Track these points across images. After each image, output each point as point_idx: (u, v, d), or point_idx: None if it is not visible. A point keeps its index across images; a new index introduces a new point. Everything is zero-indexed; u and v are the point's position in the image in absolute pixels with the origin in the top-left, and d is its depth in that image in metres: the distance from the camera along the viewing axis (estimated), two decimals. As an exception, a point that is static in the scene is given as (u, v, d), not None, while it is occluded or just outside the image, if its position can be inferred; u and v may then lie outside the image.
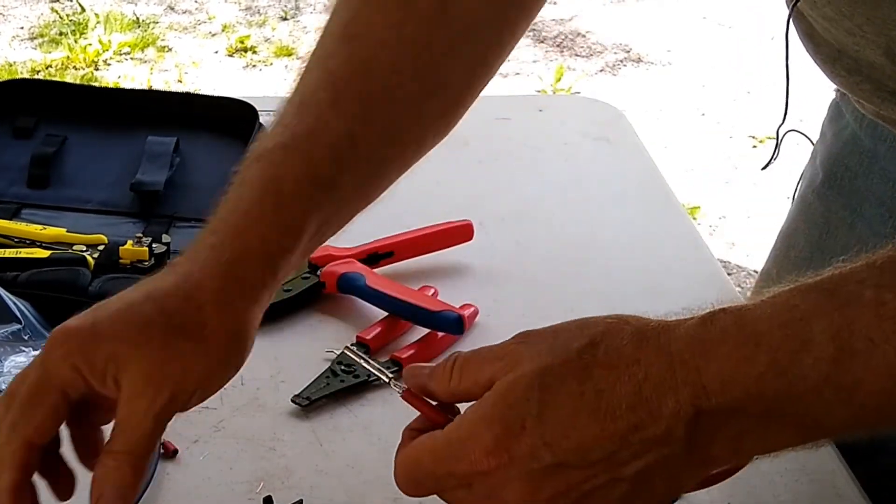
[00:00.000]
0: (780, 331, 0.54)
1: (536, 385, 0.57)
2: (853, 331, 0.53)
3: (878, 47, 0.78)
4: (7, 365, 0.86)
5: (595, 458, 0.56)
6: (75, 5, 4.56)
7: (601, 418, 0.56)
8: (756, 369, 0.54)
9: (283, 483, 0.79)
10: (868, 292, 0.54)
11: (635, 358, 0.56)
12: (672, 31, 4.42)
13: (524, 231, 1.12)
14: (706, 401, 0.55)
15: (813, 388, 0.54)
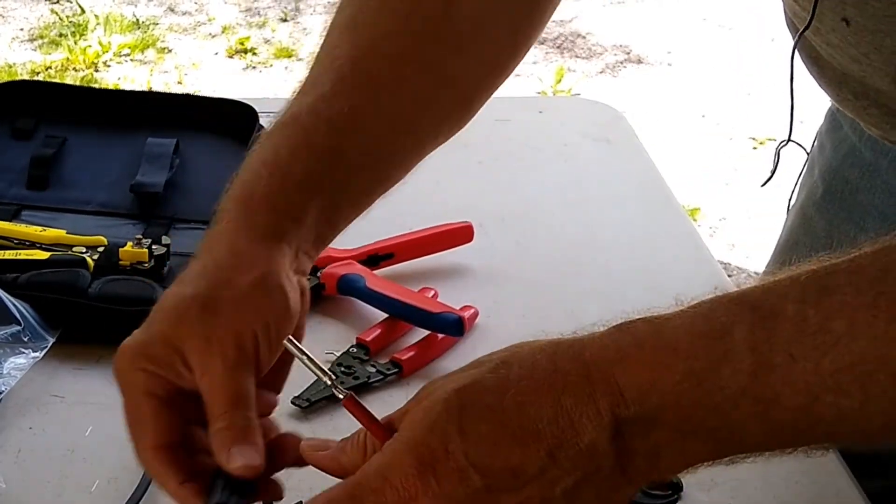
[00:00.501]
0: (699, 340, 0.54)
1: (455, 405, 0.56)
2: (773, 344, 0.52)
3: (887, 75, 0.78)
4: (6, 366, 0.86)
5: (526, 478, 0.55)
6: (75, 7, 4.56)
7: (525, 434, 0.55)
8: (673, 377, 0.53)
9: (283, 484, 0.79)
10: (790, 307, 0.53)
11: (551, 367, 0.55)
12: (672, 32, 4.42)
13: (524, 232, 1.12)
14: (625, 409, 0.54)
15: (730, 400, 0.53)
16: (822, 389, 0.52)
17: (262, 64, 4.26)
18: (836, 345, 0.52)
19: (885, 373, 0.51)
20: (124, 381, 0.66)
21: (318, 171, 0.71)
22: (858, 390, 0.52)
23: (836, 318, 0.52)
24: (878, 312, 0.51)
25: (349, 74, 0.74)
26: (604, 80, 4.14)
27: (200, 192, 1.10)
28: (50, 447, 0.82)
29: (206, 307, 0.65)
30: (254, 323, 0.65)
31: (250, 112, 1.17)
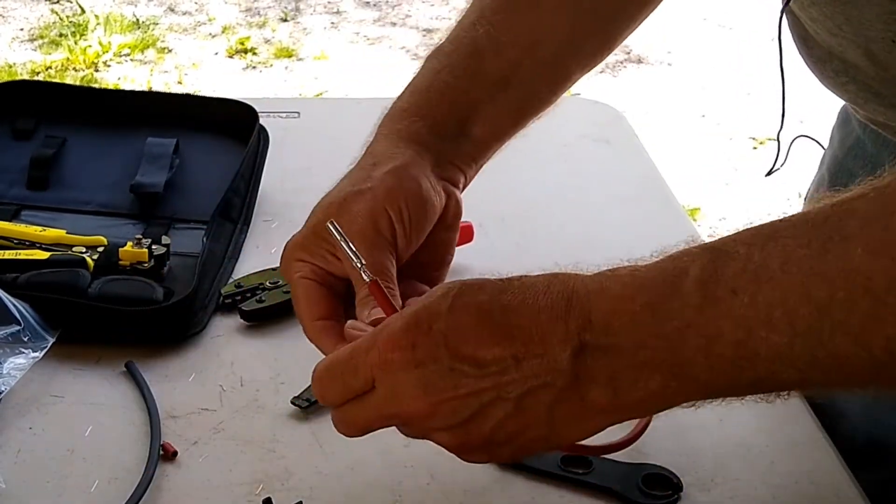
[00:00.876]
0: (659, 276, 0.60)
1: (453, 293, 0.63)
2: (719, 281, 0.57)
3: (858, 47, 0.79)
4: (7, 366, 0.86)
5: (487, 371, 0.62)
6: (75, 7, 4.56)
7: (500, 334, 0.61)
8: (633, 307, 0.59)
9: (283, 485, 0.79)
10: (741, 249, 0.58)
11: (544, 290, 0.62)
12: (672, 32, 4.42)
13: (524, 232, 1.12)
14: (589, 333, 0.60)
15: (678, 332, 0.58)
16: (757, 323, 0.56)
17: (262, 64, 4.26)
18: (770, 280, 0.56)
19: (808, 308, 0.55)
20: (286, 271, 0.78)
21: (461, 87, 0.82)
22: (787, 325, 0.56)
23: (773, 257, 0.56)
24: (810, 251, 0.56)
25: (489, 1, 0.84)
26: (604, 79, 4.14)
27: (200, 192, 1.10)
28: (50, 447, 0.82)
29: (347, 199, 0.76)
30: (387, 205, 0.75)
31: (250, 112, 1.17)
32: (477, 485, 0.79)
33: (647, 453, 0.81)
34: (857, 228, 0.55)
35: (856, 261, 0.54)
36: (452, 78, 0.83)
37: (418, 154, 0.79)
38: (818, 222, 0.57)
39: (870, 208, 0.56)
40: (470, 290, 0.64)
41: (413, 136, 0.81)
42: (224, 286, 0.99)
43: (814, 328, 0.55)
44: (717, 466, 0.81)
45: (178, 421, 0.85)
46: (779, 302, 0.56)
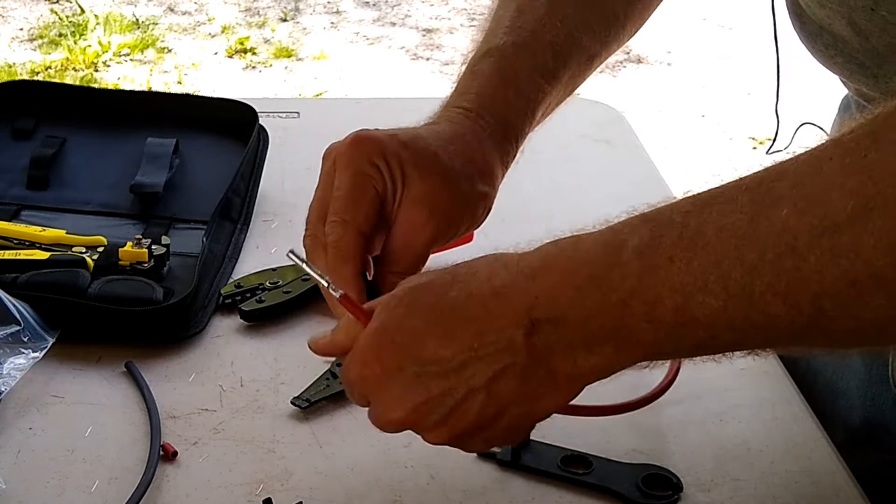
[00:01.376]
0: (601, 248, 0.62)
1: (405, 302, 0.66)
2: (657, 249, 0.59)
3: (843, 17, 0.80)
4: (6, 366, 0.86)
5: (450, 367, 0.64)
6: (75, 7, 4.56)
7: (451, 328, 0.64)
8: (577, 281, 0.61)
9: (283, 485, 0.79)
10: (678, 217, 0.59)
11: (487, 276, 0.64)
12: (672, 32, 4.42)
13: (524, 233, 1.11)
14: (538, 311, 0.62)
15: (622, 301, 0.60)
16: (694, 289, 0.58)
17: (262, 64, 4.26)
18: (705, 247, 0.57)
19: (739, 271, 0.56)
20: (356, 166, 0.75)
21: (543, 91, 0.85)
22: (721, 289, 0.57)
23: (709, 223, 0.58)
24: (742, 215, 0.57)
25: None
26: (604, 79, 4.14)
27: (200, 192, 1.10)
28: (50, 447, 0.82)
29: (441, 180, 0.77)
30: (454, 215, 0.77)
31: (250, 112, 1.17)
32: (477, 485, 0.79)
33: (647, 453, 0.81)
34: (787, 189, 0.56)
35: (783, 221, 0.55)
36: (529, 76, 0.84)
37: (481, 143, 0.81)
38: (752, 186, 0.58)
39: (799, 169, 0.57)
40: (419, 293, 0.66)
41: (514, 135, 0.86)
42: (224, 286, 0.99)
43: (746, 290, 0.57)
44: (717, 466, 0.81)
45: (178, 421, 0.85)
46: (713, 267, 0.57)
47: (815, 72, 0.94)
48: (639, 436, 0.82)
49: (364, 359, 0.67)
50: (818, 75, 0.93)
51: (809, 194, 0.55)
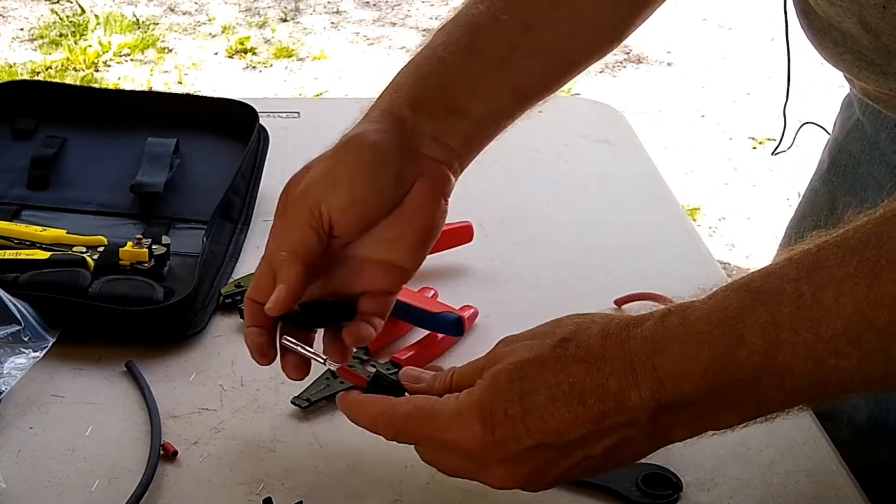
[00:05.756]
0: (717, 329, 0.61)
1: (517, 377, 0.65)
2: (778, 324, 0.60)
3: (853, 15, 0.81)
4: (7, 366, 0.86)
5: (569, 439, 0.65)
6: (75, 7, 4.56)
7: (574, 406, 0.64)
8: (701, 366, 0.62)
9: (283, 484, 0.79)
10: (788, 286, 0.60)
11: (601, 354, 0.64)
12: (672, 32, 4.42)
13: (524, 232, 1.12)
14: (664, 395, 0.63)
15: (750, 377, 0.61)
16: (824, 354, 0.59)
17: (262, 64, 4.26)
18: (828, 314, 0.58)
19: (871, 332, 0.58)
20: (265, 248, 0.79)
21: (455, 63, 0.82)
22: (854, 350, 0.58)
23: (825, 290, 0.59)
24: (858, 280, 0.58)
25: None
26: (603, 79, 4.14)
27: (200, 191, 1.10)
28: (50, 447, 0.82)
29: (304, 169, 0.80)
30: (326, 176, 0.77)
31: (250, 112, 1.17)
32: (477, 485, 0.78)
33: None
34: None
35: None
36: (447, 54, 0.82)
37: (389, 127, 0.79)
38: (858, 248, 0.59)
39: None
40: (531, 370, 0.66)
41: (390, 111, 0.80)
42: (224, 286, 0.99)
43: (880, 348, 0.58)
44: (717, 466, 0.81)
45: (178, 421, 0.85)
46: (841, 332, 0.58)
47: (814, 71, 0.94)
48: (639, 435, 0.82)
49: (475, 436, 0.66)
50: (818, 75, 0.94)
51: None
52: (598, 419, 0.64)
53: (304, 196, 0.77)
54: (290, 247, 0.77)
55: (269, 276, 0.77)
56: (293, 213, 0.78)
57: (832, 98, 1.02)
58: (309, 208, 0.77)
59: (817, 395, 0.63)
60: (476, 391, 0.67)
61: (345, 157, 0.78)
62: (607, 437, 0.64)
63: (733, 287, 0.63)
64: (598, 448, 0.65)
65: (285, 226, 0.78)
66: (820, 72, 0.93)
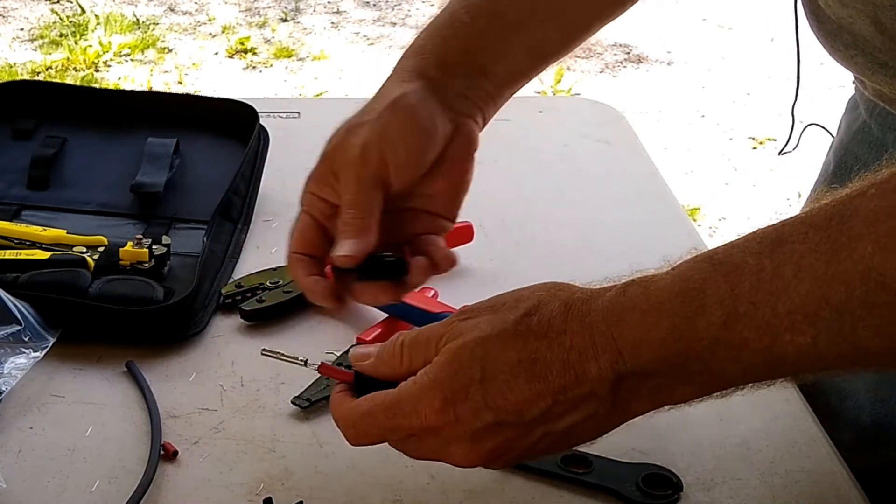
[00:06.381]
0: (677, 299, 0.62)
1: (479, 354, 0.65)
2: (737, 296, 0.60)
3: (867, 17, 0.81)
4: (7, 366, 0.86)
5: (530, 416, 0.65)
6: (75, 7, 4.56)
7: (534, 382, 0.64)
8: (659, 334, 0.62)
9: (284, 484, 0.79)
10: (750, 260, 0.60)
11: (562, 329, 0.64)
12: (672, 32, 4.42)
13: (524, 232, 1.12)
14: (623, 365, 0.63)
15: (707, 349, 0.61)
16: (781, 329, 0.59)
17: (262, 64, 4.26)
18: (787, 289, 0.58)
19: (827, 309, 0.58)
20: (302, 203, 0.83)
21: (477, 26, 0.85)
22: (809, 327, 0.58)
23: (786, 265, 0.59)
24: (819, 256, 0.58)
25: None
26: (604, 79, 4.14)
27: (200, 191, 1.10)
28: (50, 447, 0.82)
29: (348, 131, 0.81)
30: (380, 139, 0.79)
31: (250, 112, 1.17)
32: (477, 485, 0.79)
33: (647, 453, 0.81)
34: (864, 227, 0.57)
35: (868, 259, 0.56)
36: (469, 17, 0.86)
37: (423, 87, 0.82)
38: (821, 224, 0.59)
39: (873, 205, 0.57)
40: (492, 346, 0.65)
41: (421, 71, 0.84)
42: (224, 286, 0.99)
43: (835, 326, 0.58)
44: (717, 466, 0.81)
45: (178, 421, 0.85)
46: (798, 307, 0.58)
47: (816, 71, 0.94)
48: (639, 435, 0.82)
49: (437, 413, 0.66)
50: (820, 75, 0.94)
51: (891, 231, 0.56)
52: (559, 393, 0.64)
53: (365, 157, 0.79)
54: (361, 206, 0.79)
55: (313, 227, 0.81)
56: (356, 175, 0.80)
57: (834, 98, 1.03)
58: (374, 168, 0.79)
59: (773, 371, 0.62)
60: (434, 369, 0.67)
61: (395, 119, 0.81)
62: (569, 412, 0.65)
63: (697, 259, 0.63)
64: (560, 424, 0.65)
65: (350, 187, 0.80)
66: (821, 72, 0.93)
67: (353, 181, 0.80)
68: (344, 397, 0.72)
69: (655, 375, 0.63)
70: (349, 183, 0.80)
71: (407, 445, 0.70)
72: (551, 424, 0.65)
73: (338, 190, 0.80)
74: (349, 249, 0.78)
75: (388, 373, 0.70)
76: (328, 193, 0.81)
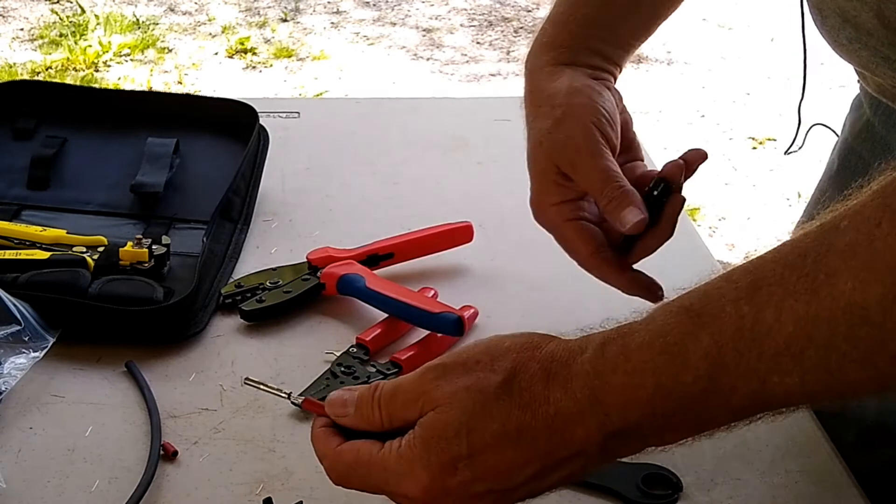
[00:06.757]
0: (660, 357, 0.61)
1: (464, 431, 0.64)
2: (721, 347, 0.59)
3: (871, 10, 0.81)
4: (7, 366, 0.86)
5: (520, 480, 0.65)
6: (75, 7, 4.56)
7: (522, 449, 0.64)
8: (646, 393, 0.61)
9: (283, 484, 0.79)
10: (728, 307, 0.60)
11: (545, 397, 0.64)
12: (672, 32, 4.42)
13: (524, 232, 1.12)
14: (610, 426, 0.63)
15: (696, 400, 0.61)
16: (768, 373, 0.59)
17: (262, 64, 4.26)
18: (770, 333, 0.58)
19: (812, 348, 0.57)
20: (548, 223, 0.90)
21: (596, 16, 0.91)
22: (796, 367, 0.58)
23: (766, 309, 0.58)
24: (798, 297, 0.57)
25: None
26: (604, 80, 4.13)
27: (200, 191, 1.10)
28: (50, 447, 0.82)
29: (551, 131, 0.86)
30: (590, 119, 0.85)
31: (250, 112, 1.17)
32: (477, 484, 0.79)
33: (647, 453, 0.81)
34: (841, 263, 0.56)
35: (848, 295, 0.56)
36: (588, 9, 0.92)
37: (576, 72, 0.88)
38: (796, 263, 0.58)
39: (848, 239, 0.57)
40: (479, 421, 0.64)
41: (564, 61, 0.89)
42: (224, 286, 0.99)
43: (822, 364, 0.57)
44: (717, 466, 0.81)
45: (178, 421, 0.85)
46: (783, 350, 0.58)
47: (818, 71, 0.94)
48: (639, 435, 0.82)
49: (426, 490, 0.65)
50: (822, 74, 0.94)
51: (868, 264, 0.56)
52: (546, 458, 0.64)
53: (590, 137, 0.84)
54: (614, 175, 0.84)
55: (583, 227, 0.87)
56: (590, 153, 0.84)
57: (836, 98, 1.03)
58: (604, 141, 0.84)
59: (762, 409, 0.62)
60: (418, 444, 0.65)
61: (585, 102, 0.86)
62: (557, 471, 0.65)
63: (671, 311, 0.62)
64: (547, 481, 0.65)
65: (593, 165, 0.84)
66: (823, 72, 0.93)
67: (590, 160, 0.83)
68: (327, 435, 0.70)
69: (644, 428, 0.63)
70: (589, 166, 0.83)
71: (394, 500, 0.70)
72: (540, 482, 0.65)
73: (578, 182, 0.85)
74: (638, 215, 0.82)
75: (367, 427, 0.69)
76: (568, 193, 0.86)
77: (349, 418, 0.69)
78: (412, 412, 0.66)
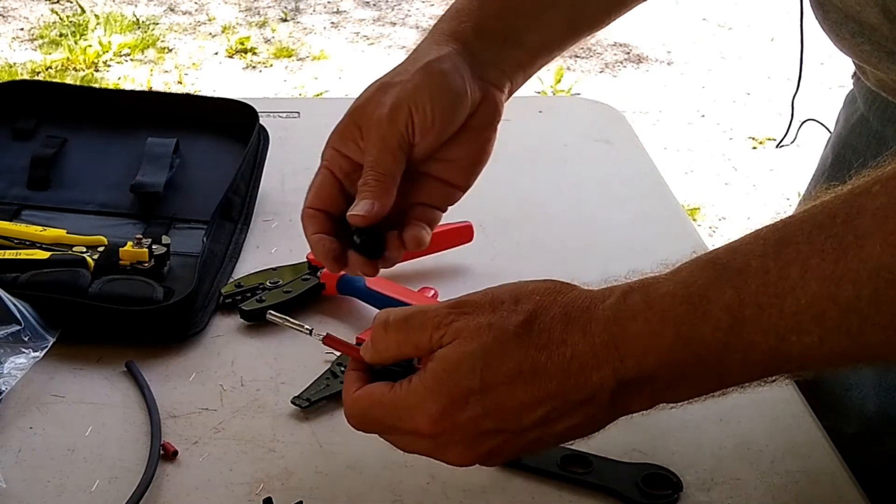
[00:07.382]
0: (682, 306, 0.61)
1: (479, 366, 0.65)
2: (743, 300, 0.59)
3: (876, 5, 0.81)
4: (7, 366, 0.86)
5: (529, 421, 0.65)
6: (75, 6, 4.56)
7: (534, 389, 0.64)
8: (665, 342, 0.61)
9: (283, 484, 0.79)
10: (754, 262, 0.60)
11: (562, 339, 0.64)
12: (672, 32, 4.42)
13: (524, 232, 1.12)
14: (625, 373, 0.63)
15: (713, 354, 0.61)
16: (787, 330, 0.59)
17: (262, 64, 4.26)
18: (793, 290, 0.58)
19: (835, 309, 0.57)
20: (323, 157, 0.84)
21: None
22: (816, 327, 0.58)
23: (791, 266, 0.58)
24: (825, 256, 0.57)
25: None
26: (604, 79, 4.14)
27: (200, 191, 1.10)
28: (50, 447, 0.82)
29: (379, 89, 0.82)
30: (410, 100, 0.80)
31: (250, 112, 1.17)
32: (477, 485, 0.79)
33: (647, 453, 0.81)
34: (872, 226, 0.57)
35: (876, 258, 0.56)
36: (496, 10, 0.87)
37: (457, 52, 0.83)
38: (825, 223, 0.58)
39: (879, 202, 0.57)
40: (494, 357, 0.65)
41: (457, 35, 0.85)
42: (224, 286, 0.99)
43: (842, 325, 0.57)
44: (717, 466, 0.81)
45: (178, 421, 0.85)
46: (805, 308, 0.58)
47: (816, 70, 0.94)
48: (639, 435, 0.82)
49: (436, 423, 0.66)
50: (820, 73, 0.94)
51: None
52: (557, 399, 0.64)
53: (393, 119, 0.80)
54: (384, 167, 0.80)
55: (332, 184, 0.82)
56: (382, 135, 0.80)
57: (832, 97, 1.03)
58: (399, 131, 0.80)
59: (777, 370, 0.62)
60: (431, 377, 0.66)
61: (427, 81, 0.81)
62: (567, 417, 0.64)
63: (698, 263, 0.62)
64: (557, 427, 0.65)
65: (375, 146, 0.80)
66: (821, 71, 0.93)
67: (378, 140, 0.80)
68: (349, 381, 0.72)
69: (659, 379, 0.63)
70: (375, 141, 0.80)
71: (402, 442, 0.71)
72: (549, 427, 0.65)
73: (361, 147, 0.81)
74: (366, 209, 0.79)
75: (380, 356, 0.70)
76: (351, 150, 0.82)
77: (367, 352, 0.71)
78: (424, 337, 0.67)
